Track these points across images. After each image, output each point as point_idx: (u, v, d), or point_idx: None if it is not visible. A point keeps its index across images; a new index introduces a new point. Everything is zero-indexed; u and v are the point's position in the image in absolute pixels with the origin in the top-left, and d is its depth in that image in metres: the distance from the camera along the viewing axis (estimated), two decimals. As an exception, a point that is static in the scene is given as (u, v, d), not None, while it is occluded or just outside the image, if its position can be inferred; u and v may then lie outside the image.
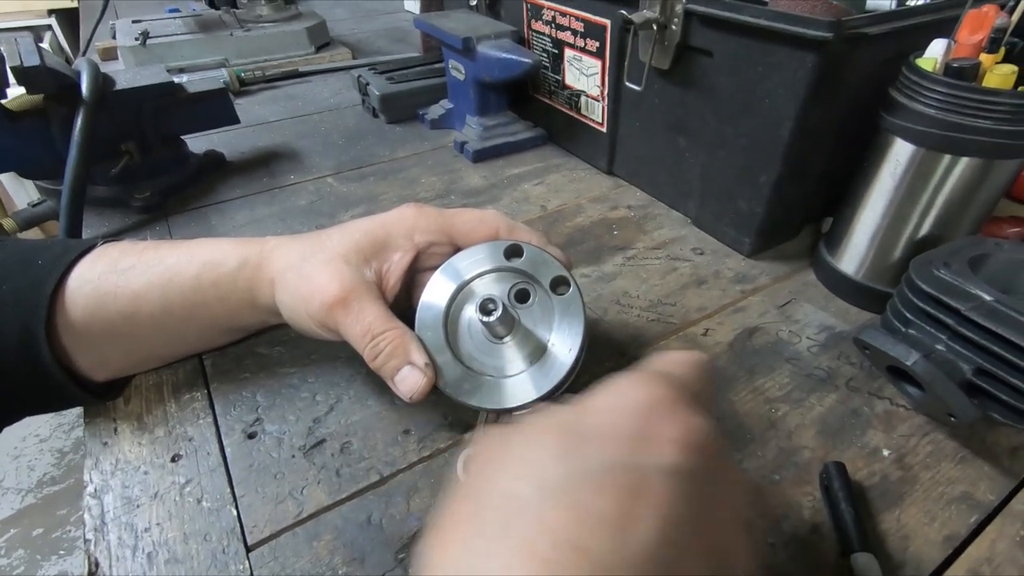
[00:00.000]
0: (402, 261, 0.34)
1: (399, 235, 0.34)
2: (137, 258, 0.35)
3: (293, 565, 0.28)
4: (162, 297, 0.34)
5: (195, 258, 0.35)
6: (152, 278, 0.34)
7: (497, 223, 0.35)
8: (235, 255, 0.35)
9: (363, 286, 0.32)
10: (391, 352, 0.31)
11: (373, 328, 0.31)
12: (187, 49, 0.88)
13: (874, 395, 0.37)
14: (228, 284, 0.34)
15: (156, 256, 0.35)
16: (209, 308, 0.35)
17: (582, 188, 0.61)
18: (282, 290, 0.34)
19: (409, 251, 0.34)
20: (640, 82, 0.49)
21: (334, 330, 0.32)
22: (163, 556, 0.29)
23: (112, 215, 0.56)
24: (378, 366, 0.31)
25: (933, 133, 0.36)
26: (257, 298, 0.35)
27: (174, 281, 0.34)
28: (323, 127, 0.75)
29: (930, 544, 0.29)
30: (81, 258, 0.34)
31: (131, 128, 0.55)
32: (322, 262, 0.33)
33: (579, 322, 0.31)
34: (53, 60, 0.50)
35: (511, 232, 0.35)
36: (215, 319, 0.36)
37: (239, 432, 0.35)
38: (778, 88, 0.41)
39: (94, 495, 0.31)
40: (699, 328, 0.43)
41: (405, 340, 0.31)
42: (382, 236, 0.34)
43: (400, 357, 0.31)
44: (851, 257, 0.44)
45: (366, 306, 0.32)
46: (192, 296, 0.34)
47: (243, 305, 0.35)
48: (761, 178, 0.45)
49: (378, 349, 0.31)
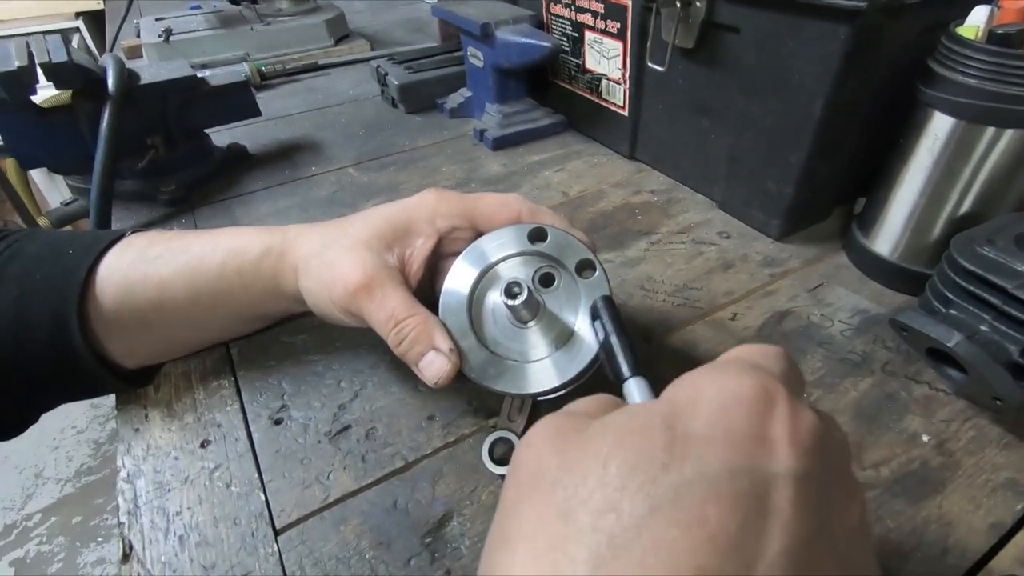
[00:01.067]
0: (424, 247, 0.34)
1: (421, 220, 0.34)
2: (164, 247, 0.35)
3: (321, 549, 0.29)
4: (188, 285, 0.34)
5: (220, 247, 0.35)
6: (178, 267, 0.34)
7: (519, 206, 0.34)
8: (258, 243, 0.35)
9: (386, 272, 0.32)
10: (415, 338, 0.31)
11: (397, 314, 0.31)
12: (209, 44, 0.89)
13: (912, 379, 0.36)
14: (252, 272, 0.35)
15: (182, 245, 0.35)
16: (233, 296, 0.35)
17: (604, 173, 0.60)
18: (306, 277, 0.34)
19: (431, 236, 0.34)
20: (663, 62, 0.48)
21: (358, 316, 0.32)
22: (194, 539, 0.29)
23: (139, 208, 0.57)
24: (402, 352, 0.31)
25: (975, 105, 0.34)
26: (281, 286, 0.35)
27: (200, 270, 0.34)
28: (343, 119, 0.75)
29: (974, 532, 0.28)
30: (110, 248, 0.35)
31: (156, 122, 0.56)
32: (345, 248, 0.33)
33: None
34: (80, 56, 0.51)
35: (534, 215, 0.34)
36: (239, 307, 0.36)
37: (266, 418, 0.35)
38: (809, 63, 0.39)
39: (127, 480, 0.32)
40: (727, 312, 0.42)
41: (429, 325, 0.31)
42: (404, 222, 0.34)
43: (424, 343, 0.31)
44: (886, 238, 0.42)
45: (389, 292, 0.32)
46: (217, 284, 0.35)
47: (267, 293, 0.36)
48: (791, 157, 0.44)
49: (402, 335, 0.31)
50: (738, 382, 0.17)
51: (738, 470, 0.15)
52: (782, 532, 0.14)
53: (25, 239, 0.35)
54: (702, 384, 0.18)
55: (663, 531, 0.14)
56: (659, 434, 0.16)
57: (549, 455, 0.18)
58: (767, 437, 0.16)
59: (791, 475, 0.15)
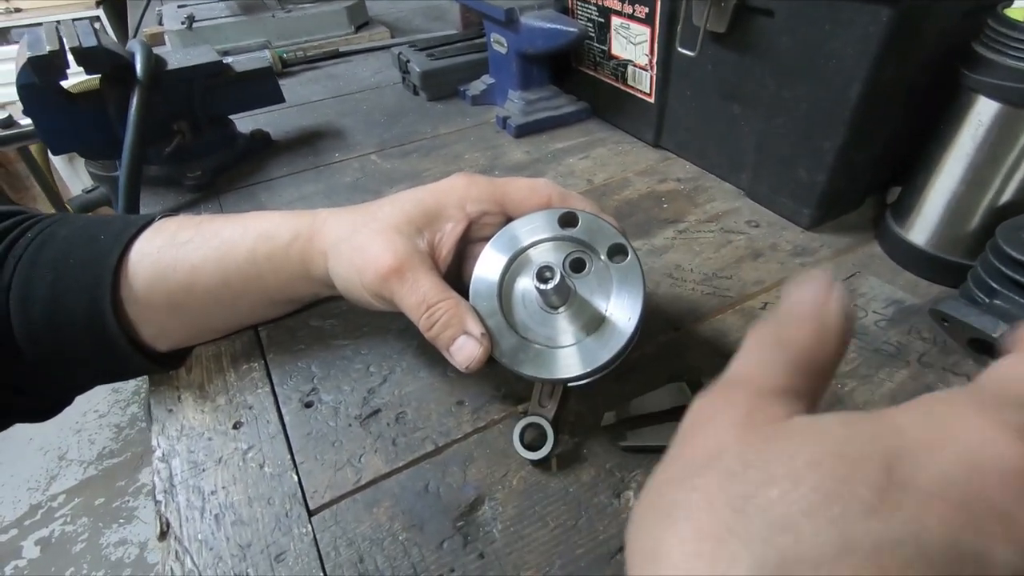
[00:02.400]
0: (454, 231, 0.34)
1: (451, 205, 0.34)
2: (194, 231, 0.35)
3: (354, 530, 0.29)
4: (218, 269, 0.35)
5: (249, 231, 0.35)
6: (208, 251, 0.35)
7: (549, 191, 0.34)
8: (288, 228, 0.35)
9: (417, 256, 0.32)
10: (447, 322, 0.30)
11: (428, 298, 0.31)
12: (231, 31, 0.89)
13: (949, 371, 0.35)
14: (281, 257, 0.35)
15: (212, 229, 0.35)
16: (263, 280, 0.36)
17: (628, 161, 0.59)
18: (336, 261, 0.34)
19: (461, 221, 0.34)
20: (694, 47, 0.47)
21: (389, 300, 0.32)
22: (229, 518, 0.29)
23: (166, 194, 0.58)
24: (433, 336, 0.31)
25: (1022, 89, 0.33)
26: (310, 270, 0.35)
27: (230, 254, 0.35)
28: (365, 106, 0.75)
29: (1016, 526, 0.28)
30: (141, 232, 0.35)
31: (182, 107, 0.56)
32: (375, 232, 0.33)
33: (638, 291, 0.30)
34: (109, 41, 0.51)
35: (564, 200, 0.34)
36: (269, 291, 0.36)
37: (296, 401, 0.35)
38: (847, 47, 0.38)
39: (162, 459, 0.32)
40: (757, 302, 0.41)
41: (460, 310, 0.31)
42: (433, 206, 0.34)
43: (456, 327, 0.30)
44: (922, 227, 0.41)
45: (420, 276, 0.31)
46: (247, 269, 0.35)
47: (296, 277, 0.36)
48: (824, 144, 0.43)
49: (434, 319, 0.31)
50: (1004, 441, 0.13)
51: (957, 545, 0.12)
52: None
53: (57, 224, 0.36)
54: (952, 426, 0.14)
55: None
56: (874, 471, 0.13)
57: (731, 438, 0.16)
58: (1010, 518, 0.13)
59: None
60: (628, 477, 0.30)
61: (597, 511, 0.29)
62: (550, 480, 0.31)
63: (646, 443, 0.31)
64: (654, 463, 0.18)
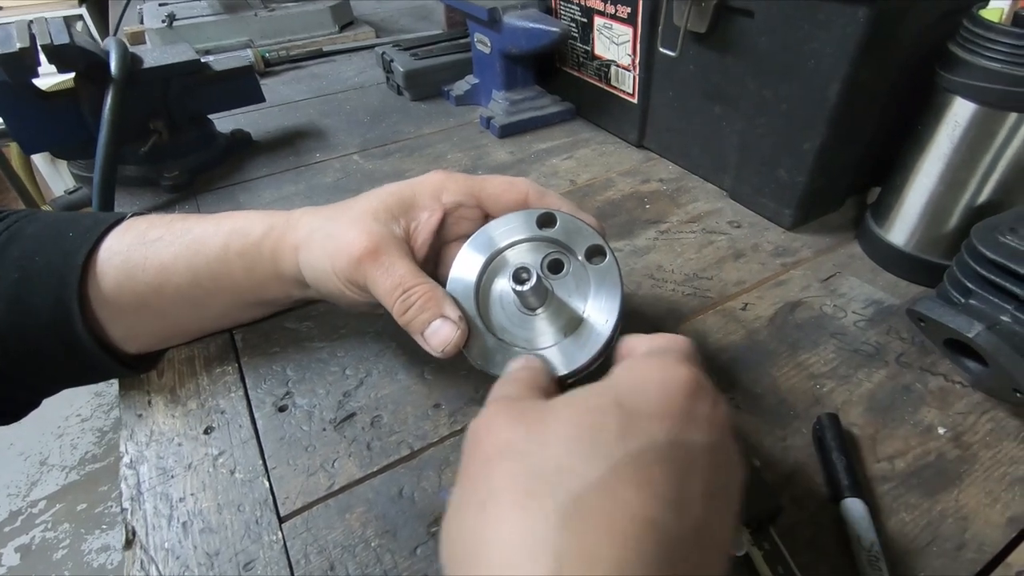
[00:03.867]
0: (430, 221, 0.33)
1: (427, 195, 0.34)
2: (165, 229, 0.34)
3: (326, 536, 0.28)
4: (189, 268, 0.34)
5: (222, 228, 0.34)
6: (179, 249, 0.34)
7: (527, 188, 0.34)
8: (261, 224, 0.34)
9: (393, 241, 0.31)
10: (423, 305, 0.30)
11: (404, 281, 0.30)
12: (212, 30, 0.88)
13: (927, 371, 0.35)
14: (254, 253, 0.34)
15: (184, 227, 0.35)
16: (235, 279, 0.35)
17: (612, 162, 0.59)
18: (307, 252, 0.33)
19: (437, 211, 0.33)
20: (675, 47, 0.47)
21: (362, 286, 0.31)
22: (198, 525, 0.29)
23: (142, 194, 0.57)
24: (408, 320, 0.30)
25: (997, 89, 0.33)
26: (281, 268, 0.34)
27: (201, 252, 0.34)
28: (348, 106, 0.74)
29: (992, 526, 0.28)
30: (110, 230, 0.34)
31: (159, 106, 0.55)
32: (350, 220, 0.32)
33: (616, 292, 0.30)
34: (82, 39, 0.50)
35: (541, 198, 0.33)
36: (241, 291, 0.36)
37: (270, 405, 0.35)
38: (826, 47, 0.38)
39: (130, 465, 0.32)
40: (738, 303, 0.41)
41: (437, 293, 0.30)
42: (410, 196, 0.34)
43: (432, 310, 0.30)
44: (901, 227, 0.41)
45: (396, 260, 0.31)
46: (218, 267, 0.34)
47: (268, 276, 0.35)
48: (804, 145, 0.43)
49: (409, 302, 0.30)
50: (676, 371, 0.21)
51: (676, 442, 0.19)
52: (703, 491, 0.19)
53: (24, 221, 0.35)
54: (648, 371, 0.22)
55: (621, 489, 0.18)
56: (613, 412, 0.20)
57: (514, 431, 0.20)
58: (695, 415, 0.20)
59: (710, 447, 0.20)
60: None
61: (573, 515, 0.29)
62: (527, 484, 0.30)
63: None
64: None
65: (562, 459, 0.19)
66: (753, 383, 0.35)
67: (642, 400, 0.20)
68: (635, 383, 0.21)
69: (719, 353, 0.37)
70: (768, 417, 0.33)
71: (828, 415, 0.32)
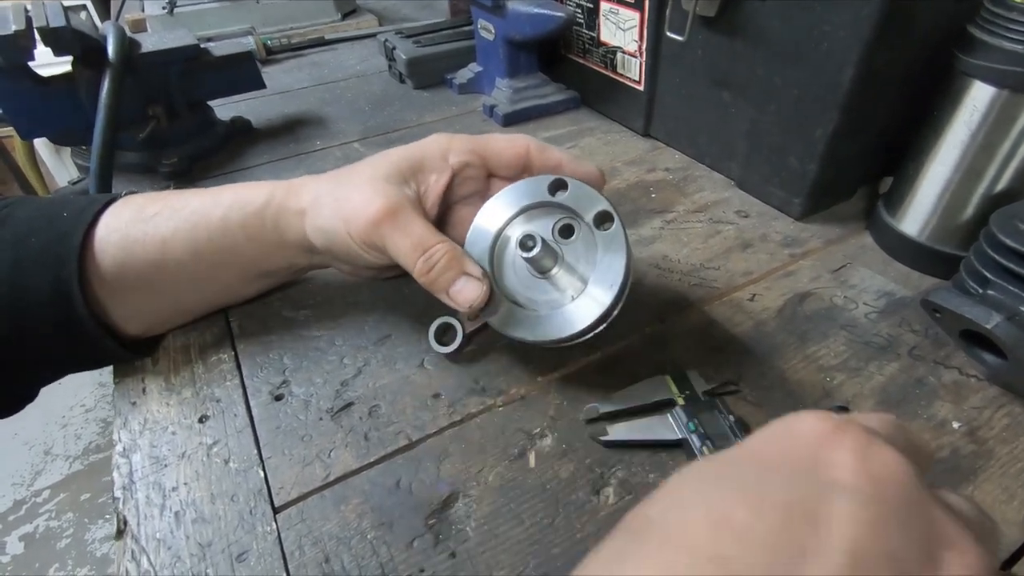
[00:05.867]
0: (439, 182, 0.34)
1: (434, 157, 0.34)
2: (163, 204, 0.34)
3: (321, 528, 0.27)
4: (189, 241, 0.33)
5: (221, 200, 0.34)
6: (178, 223, 0.33)
7: (527, 143, 0.34)
8: (261, 193, 0.34)
9: (408, 202, 0.32)
10: (446, 264, 0.30)
11: (424, 241, 0.30)
12: (214, 17, 0.87)
13: (941, 364, 0.34)
14: (256, 223, 0.34)
15: (182, 201, 0.34)
16: (237, 250, 0.34)
17: (617, 151, 0.58)
18: (316, 217, 0.33)
19: (445, 172, 0.34)
20: (683, 32, 0.46)
21: (380, 248, 0.31)
22: (190, 515, 0.28)
23: (141, 180, 0.56)
24: (432, 279, 0.30)
25: (1019, 72, 0.32)
26: (285, 235, 0.34)
27: (200, 224, 0.33)
28: (349, 94, 0.73)
29: (1008, 524, 0.27)
30: (106, 208, 0.34)
31: (158, 92, 0.55)
32: (362, 181, 0.32)
33: (621, 258, 0.30)
34: (80, 22, 0.50)
35: (542, 152, 0.34)
36: (243, 262, 0.35)
37: (266, 394, 0.34)
38: (839, 30, 0.37)
39: (123, 454, 0.31)
40: (745, 293, 0.40)
41: (458, 252, 0.31)
42: (419, 158, 0.34)
43: (455, 268, 0.30)
44: (915, 217, 0.40)
45: (413, 220, 0.31)
46: (220, 239, 0.34)
47: (271, 244, 0.34)
48: (816, 132, 0.42)
49: (432, 261, 0.30)
50: (802, 421, 0.18)
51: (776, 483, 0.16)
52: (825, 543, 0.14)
53: (15, 205, 0.34)
54: (772, 425, 0.18)
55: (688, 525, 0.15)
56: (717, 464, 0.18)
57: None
58: (828, 462, 0.16)
59: (849, 492, 0.15)
60: (608, 474, 0.29)
61: (575, 508, 0.28)
62: (527, 476, 0.29)
63: (626, 438, 0.30)
64: (635, 459, 0.18)
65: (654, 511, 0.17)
66: (760, 376, 0.34)
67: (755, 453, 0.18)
68: (758, 437, 0.18)
69: (725, 345, 0.36)
70: (776, 411, 0.32)
71: (838, 408, 0.31)
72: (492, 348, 0.36)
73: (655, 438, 0.30)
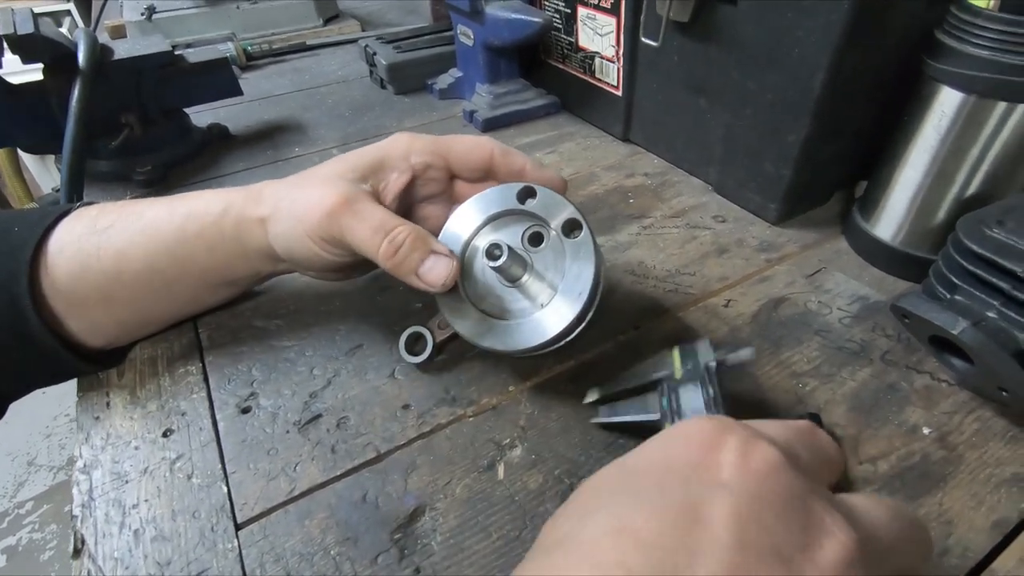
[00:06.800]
0: (399, 180, 0.33)
1: (395, 157, 0.34)
2: (116, 215, 0.33)
3: (283, 544, 0.27)
4: (146, 253, 0.33)
5: (177, 211, 0.33)
6: (133, 235, 0.33)
7: (491, 146, 0.34)
8: (218, 203, 0.33)
9: (364, 194, 0.31)
10: (412, 244, 0.29)
11: (385, 224, 0.29)
12: (194, 23, 0.86)
13: (913, 369, 0.34)
14: (214, 233, 0.33)
15: (135, 212, 0.33)
16: (196, 261, 0.34)
17: (596, 156, 0.58)
18: (276, 223, 0.32)
19: (405, 171, 0.34)
20: (657, 37, 0.46)
21: (338, 240, 0.30)
22: (150, 533, 0.27)
23: (114, 189, 0.55)
24: (398, 261, 0.29)
25: (986, 78, 0.32)
26: (246, 244, 0.33)
27: (156, 236, 0.33)
28: (330, 100, 0.72)
29: (977, 530, 0.27)
30: (59, 222, 0.33)
31: (131, 99, 0.54)
32: (318, 181, 0.32)
33: (590, 266, 0.30)
34: (49, 29, 0.49)
35: (505, 156, 0.34)
36: (204, 274, 0.34)
37: (233, 407, 0.33)
38: (810, 35, 0.37)
39: (83, 470, 0.30)
40: (720, 299, 0.40)
41: (422, 232, 0.30)
42: (379, 158, 0.33)
43: (422, 248, 0.29)
44: (888, 222, 0.40)
45: (372, 207, 0.30)
46: (177, 250, 0.33)
47: (232, 254, 0.34)
48: (789, 137, 0.42)
49: (397, 243, 0.29)
50: (690, 425, 0.19)
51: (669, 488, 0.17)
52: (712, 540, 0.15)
53: None
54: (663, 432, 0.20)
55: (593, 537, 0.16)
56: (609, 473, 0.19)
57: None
58: (715, 463, 0.17)
59: (729, 490, 0.16)
60: (577, 484, 0.29)
61: (543, 520, 0.27)
62: (496, 488, 0.29)
63: (610, 419, 0.30)
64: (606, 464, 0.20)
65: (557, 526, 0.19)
66: (733, 381, 0.34)
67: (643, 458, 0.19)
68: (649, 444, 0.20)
69: (699, 351, 0.36)
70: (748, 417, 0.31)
71: (810, 415, 0.30)
72: (464, 357, 0.36)
73: (634, 418, 0.29)
